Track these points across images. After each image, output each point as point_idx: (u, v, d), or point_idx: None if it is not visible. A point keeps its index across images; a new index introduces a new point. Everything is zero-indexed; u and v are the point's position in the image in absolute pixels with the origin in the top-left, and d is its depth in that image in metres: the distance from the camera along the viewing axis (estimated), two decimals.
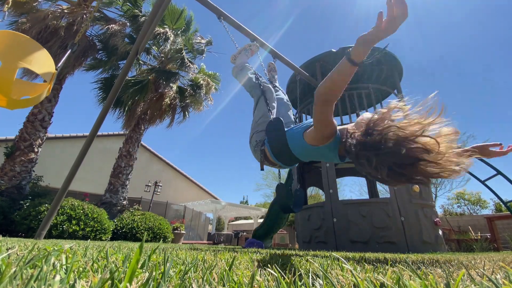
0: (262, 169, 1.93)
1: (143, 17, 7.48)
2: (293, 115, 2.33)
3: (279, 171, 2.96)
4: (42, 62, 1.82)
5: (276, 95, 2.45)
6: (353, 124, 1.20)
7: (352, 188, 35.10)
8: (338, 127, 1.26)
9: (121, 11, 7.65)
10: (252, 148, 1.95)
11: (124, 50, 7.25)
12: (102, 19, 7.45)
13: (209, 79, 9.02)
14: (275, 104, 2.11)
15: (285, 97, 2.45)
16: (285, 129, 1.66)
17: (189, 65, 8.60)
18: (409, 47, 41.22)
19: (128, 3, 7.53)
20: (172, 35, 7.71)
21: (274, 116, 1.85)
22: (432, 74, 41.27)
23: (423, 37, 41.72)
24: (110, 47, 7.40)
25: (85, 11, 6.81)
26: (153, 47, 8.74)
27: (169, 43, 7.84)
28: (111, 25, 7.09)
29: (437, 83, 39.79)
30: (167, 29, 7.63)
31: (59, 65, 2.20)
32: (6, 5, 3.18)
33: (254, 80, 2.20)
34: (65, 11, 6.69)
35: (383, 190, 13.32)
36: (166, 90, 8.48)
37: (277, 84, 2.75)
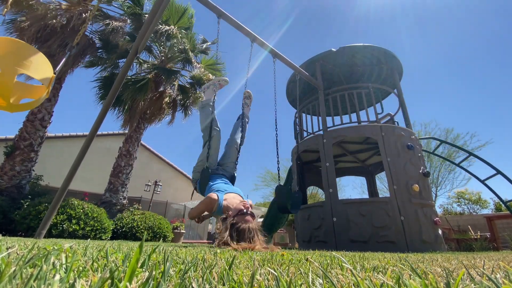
0: (191, 196, 2.92)
1: (144, 15, 7.46)
2: (238, 153, 3.02)
3: (278, 172, 3.00)
4: (40, 67, 1.83)
5: (232, 134, 3.12)
6: (234, 205, 2.10)
7: (353, 188, 35.11)
8: (225, 203, 2.20)
9: (121, 10, 7.63)
10: (191, 178, 2.84)
11: (124, 49, 7.22)
12: (102, 16, 7.43)
13: (210, 75, 8.88)
14: (215, 152, 2.71)
15: (237, 135, 3.01)
16: (210, 180, 2.45)
17: (190, 64, 8.57)
18: (410, 46, 41.17)
19: (128, 1, 7.51)
20: (173, 34, 7.69)
21: (207, 165, 2.47)
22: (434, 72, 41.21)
23: (423, 36, 41.67)
24: (109, 45, 7.38)
25: (84, 9, 6.79)
26: (154, 45, 8.72)
27: (169, 41, 7.82)
28: (111, 22, 7.05)
29: (437, 82, 39.75)
30: (168, 27, 7.61)
31: (57, 69, 2.20)
32: (5, 9, 3.16)
33: (207, 124, 2.70)
34: (64, 8, 6.67)
35: (383, 190, 13.34)
36: (166, 89, 8.46)
37: (245, 112, 3.21)
